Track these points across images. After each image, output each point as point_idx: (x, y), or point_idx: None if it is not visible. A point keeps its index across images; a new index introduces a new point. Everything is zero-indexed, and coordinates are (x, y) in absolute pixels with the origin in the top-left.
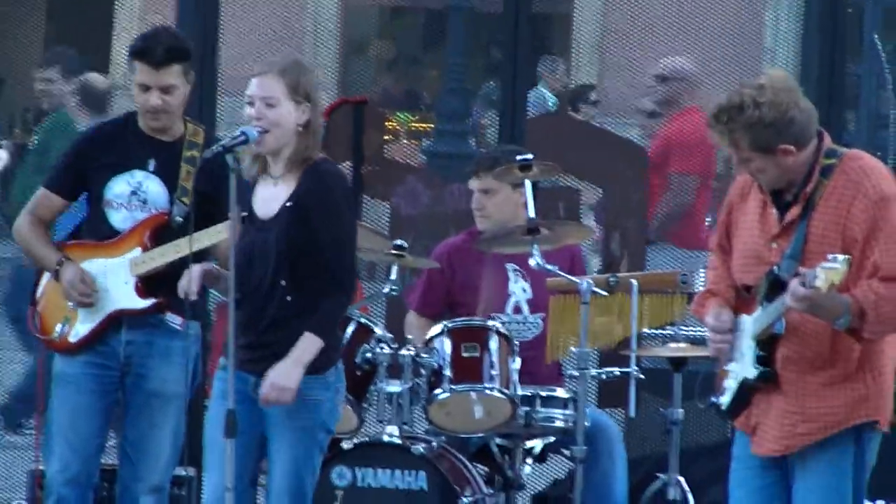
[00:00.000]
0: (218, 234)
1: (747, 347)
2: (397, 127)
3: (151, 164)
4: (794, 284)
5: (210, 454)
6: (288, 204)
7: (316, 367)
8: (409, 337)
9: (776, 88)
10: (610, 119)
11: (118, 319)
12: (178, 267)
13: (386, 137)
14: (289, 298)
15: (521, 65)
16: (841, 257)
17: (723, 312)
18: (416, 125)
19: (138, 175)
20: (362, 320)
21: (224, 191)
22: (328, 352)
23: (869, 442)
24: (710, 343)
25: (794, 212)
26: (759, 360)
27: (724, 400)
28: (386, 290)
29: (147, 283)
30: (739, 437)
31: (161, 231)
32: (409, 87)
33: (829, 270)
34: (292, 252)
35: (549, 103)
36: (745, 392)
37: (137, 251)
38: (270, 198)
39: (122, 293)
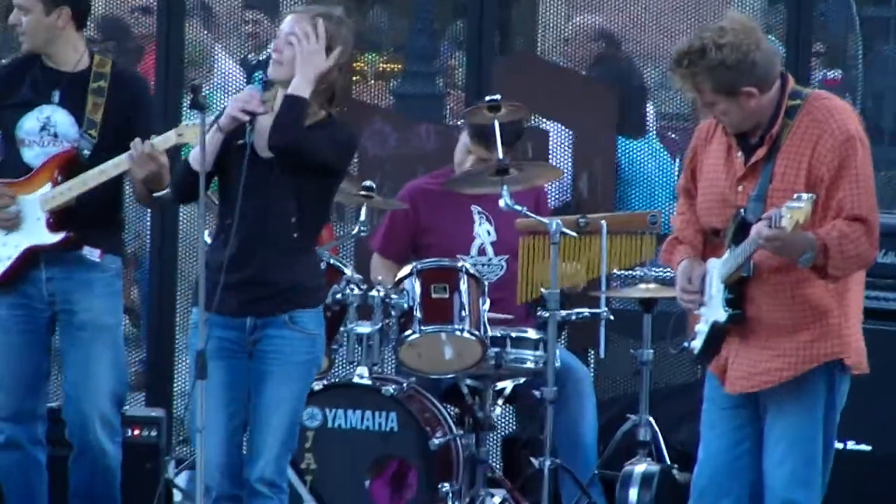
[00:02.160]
0: (123, 165)
1: (717, 290)
2: (365, 68)
3: (56, 96)
4: (759, 225)
5: (206, 418)
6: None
7: (314, 301)
8: (377, 279)
9: (737, 31)
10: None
11: (36, 257)
12: (89, 202)
13: (354, 78)
14: (295, 235)
15: (489, 5)
16: (806, 196)
17: (693, 270)
18: (384, 66)
19: (46, 110)
20: (332, 261)
21: (138, 121)
22: (322, 288)
23: (840, 384)
24: (679, 299)
25: (759, 153)
26: (729, 303)
27: (696, 344)
28: (355, 231)
29: (59, 218)
30: (710, 378)
31: (71, 165)
32: (376, 27)
33: (795, 210)
34: (302, 192)
35: None
36: (717, 335)
37: (48, 187)
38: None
39: (34, 229)
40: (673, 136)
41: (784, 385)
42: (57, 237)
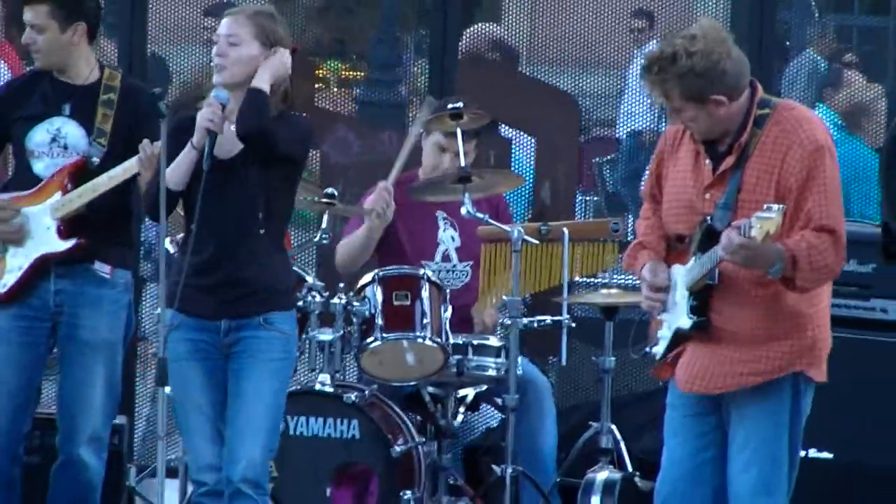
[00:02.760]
0: (132, 169)
1: (681, 297)
2: (328, 75)
3: (67, 108)
4: (729, 234)
5: (184, 418)
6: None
7: (287, 303)
8: (341, 262)
9: (708, 38)
10: (542, 67)
11: (46, 268)
12: (101, 214)
13: (316, 86)
14: (262, 232)
15: (452, 11)
16: (776, 206)
17: (659, 269)
18: (347, 73)
19: (56, 122)
20: (293, 269)
21: (145, 130)
22: (293, 290)
23: (806, 392)
24: (643, 299)
25: (728, 161)
26: (693, 310)
27: (659, 349)
28: (317, 238)
29: (70, 226)
30: (673, 385)
31: (80, 174)
32: (339, 35)
33: (765, 220)
34: (269, 187)
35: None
36: (679, 341)
37: (58, 195)
38: (232, 136)
39: (44, 238)
40: None
41: (749, 390)
42: (68, 244)
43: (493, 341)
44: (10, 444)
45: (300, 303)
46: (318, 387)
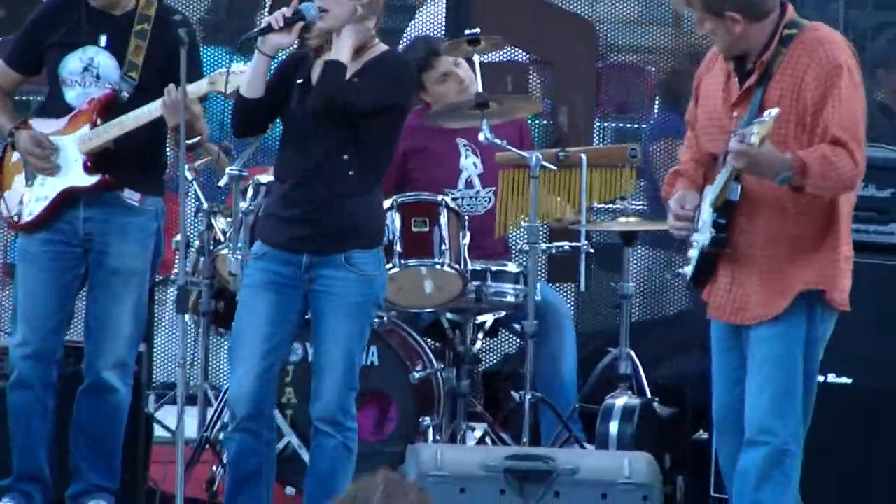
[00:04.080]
0: (156, 111)
1: (707, 214)
2: None
3: (103, 39)
4: (732, 142)
5: (238, 345)
6: (355, 80)
7: (371, 243)
8: None
9: None
10: None
11: (75, 197)
12: (128, 145)
13: None
14: (351, 173)
15: None
16: (773, 112)
17: (686, 198)
18: None
19: (90, 51)
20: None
21: (176, 65)
22: (382, 229)
23: (823, 318)
24: (671, 228)
25: (751, 80)
26: (715, 226)
27: (688, 270)
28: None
29: (97, 161)
30: (714, 322)
31: (110, 108)
32: None
33: (761, 125)
34: (358, 132)
35: None
36: (706, 260)
37: (86, 128)
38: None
39: (72, 171)
40: None
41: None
42: (93, 179)
43: (512, 267)
44: (43, 369)
45: None
46: None
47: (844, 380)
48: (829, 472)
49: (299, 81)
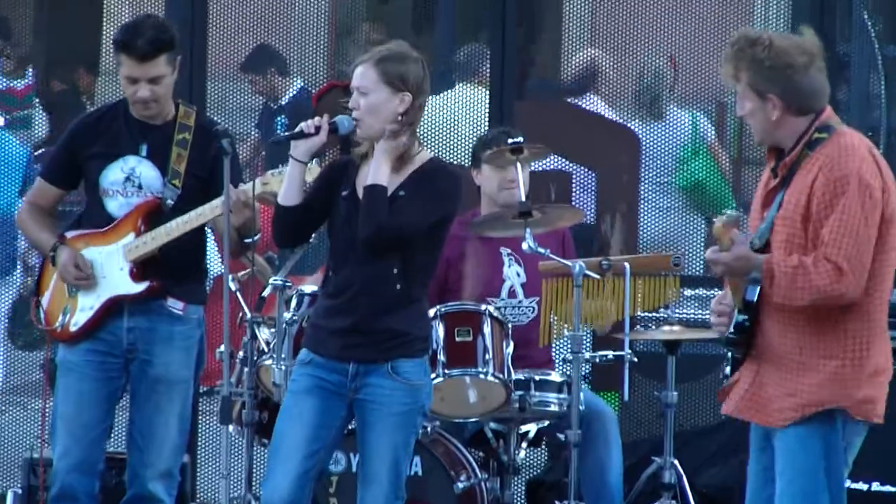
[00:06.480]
0: (206, 214)
1: (735, 313)
2: None
3: (144, 149)
4: (708, 251)
5: (278, 447)
6: (401, 193)
7: (416, 351)
8: None
9: (797, 44)
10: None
11: (119, 306)
12: (173, 252)
13: None
14: (398, 287)
15: (510, 46)
16: (729, 214)
17: (726, 294)
18: None
19: (131, 161)
20: None
21: (218, 173)
22: (428, 337)
23: (845, 427)
24: (712, 324)
25: (775, 181)
26: (735, 326)
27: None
28: None
29: (142, 268)
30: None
31: (154, 215)
32: None
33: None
34: (404, 251)
35: None
36: (736, 363)
37: (131, 237)
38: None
39: (117, 279)
40: None
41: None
42: (140, 287)
43: (555, 376)
44: (87, 481)
45: None
46: None
47: (889, 488)
48: None
49: (344, 193)
